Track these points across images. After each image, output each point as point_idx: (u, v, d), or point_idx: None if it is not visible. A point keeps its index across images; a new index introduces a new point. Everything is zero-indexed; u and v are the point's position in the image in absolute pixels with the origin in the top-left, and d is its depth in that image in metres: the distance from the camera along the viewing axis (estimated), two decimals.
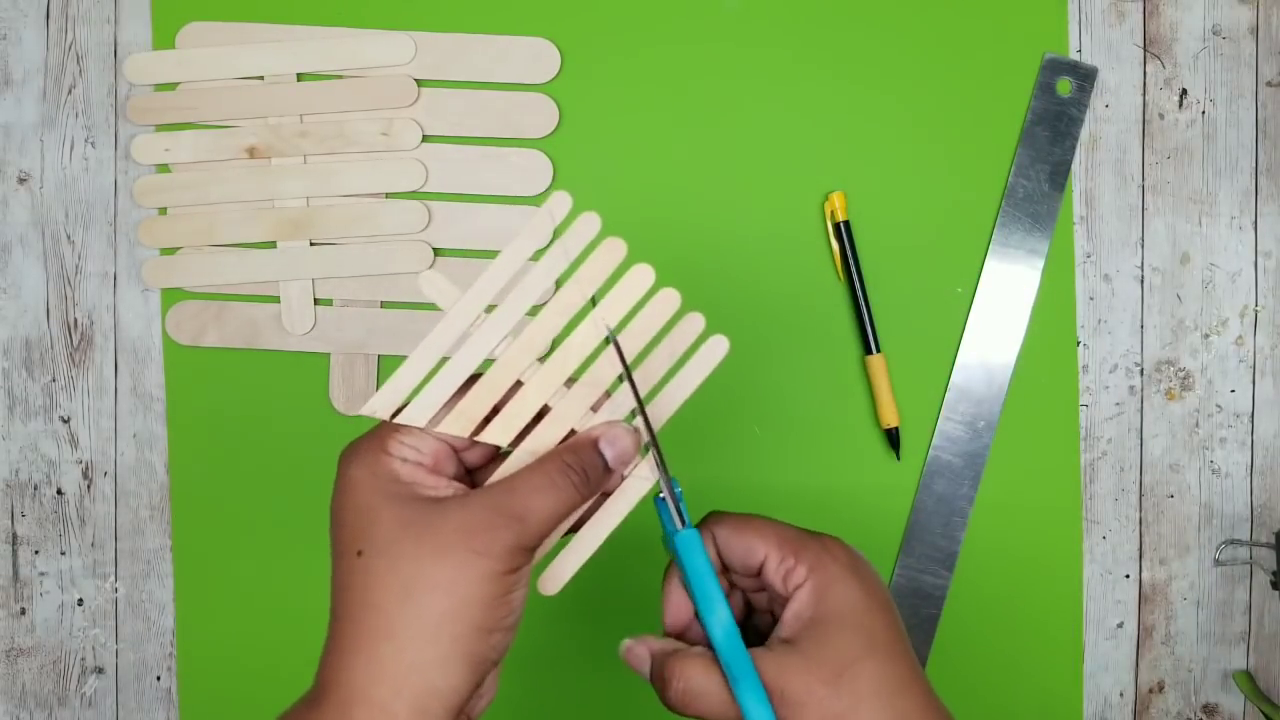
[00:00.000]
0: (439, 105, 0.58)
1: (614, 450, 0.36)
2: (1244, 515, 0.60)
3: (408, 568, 0.32)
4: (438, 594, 0.32)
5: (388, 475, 0.34)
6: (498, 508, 0.33)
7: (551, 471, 0.35)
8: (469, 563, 0.32)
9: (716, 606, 0.35)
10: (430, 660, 0.32)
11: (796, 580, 0.36)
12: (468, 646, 0.32)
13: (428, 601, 0.32)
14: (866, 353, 0.58)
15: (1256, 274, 0.60)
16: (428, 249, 0.58)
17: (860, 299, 0.58)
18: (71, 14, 0.59)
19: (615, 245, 0.37)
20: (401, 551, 0.33)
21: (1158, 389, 0.60)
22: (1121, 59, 0.60)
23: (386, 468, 0.34)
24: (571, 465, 0.35)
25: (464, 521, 0.33)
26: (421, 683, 0.32)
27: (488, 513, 0.33)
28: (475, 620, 0.32)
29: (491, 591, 0.33)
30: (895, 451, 0.58)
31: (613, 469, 0.36)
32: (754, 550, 0.37)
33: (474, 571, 0.32)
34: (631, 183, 0.59)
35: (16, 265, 0.59)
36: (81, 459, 0.59)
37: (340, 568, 0.34)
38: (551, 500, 0.34)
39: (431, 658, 0.32)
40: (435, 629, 0.32)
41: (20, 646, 0.60)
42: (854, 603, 0.36)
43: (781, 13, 0.59)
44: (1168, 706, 0.60)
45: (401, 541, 0.33)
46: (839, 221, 0.58)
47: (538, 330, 0.36)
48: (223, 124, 0.58)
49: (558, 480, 0.34)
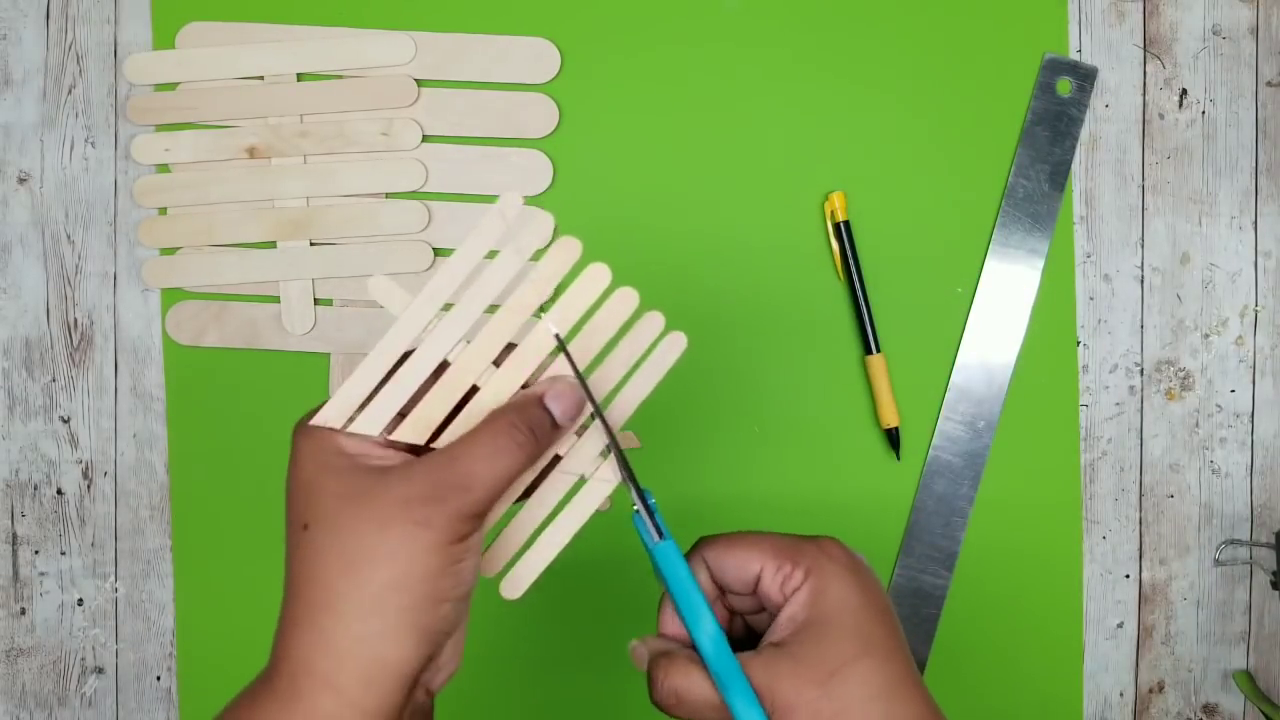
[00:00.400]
0: (439, 105, 0.58)
1: (560, 405, 0.35)
2: (1244, 515, 0.60)
3: (349, 540, 0.32)
4: (380, 566, 0.31)
5: (333, 449, 0.34)
6: (440, 477, 0.32)
7: (497, 433, 0.33)
8: (411, 534, 0.32)
9: (701, 616, 0.35)
10: (375, 632, 0.31)
11: (794, 584, 0.36)
12: (414, 618, 0.32)
13: (370, 574, 0.31)
14: (866, 353, 0.58)
15: (1256, 274, 0.60)
16: (428, 249, 0.58)
17: (860, 299, 0.58)
18: (71, 14, 0.59)
19: (570, 244, 0.35)
20: (343, 524, 0.32)
21: (1158, 389, 0.60)
22: (1121, 59, 0.60)
23: (332, 441, 0.34)
24: (517, 425, 0.34)
25: (405, 492, 0.32)
26: (367, 654, 0.31)
27: (429, 483, 0.32)
28: (421, 591, 0.32)
29: (437, 562, 0.32)
30: (895, 451, 0.58)
31: (560, 425, 0.35)
32: (748, 563, 0.36)
33: (418, 543, 0.32)
34: (631, 183, 0.59)
35: (16, 265, 0.59)
36: (81, 459, 0.59)
37: (289, 541, 0.34)
38: (497, 465, 0.33)
39: (376, 630, 0.31)
40: (379, 601, 0.31)
41: (20, 646, 0.60)
42: (850, 603, 0.35)
43: (782, 13, 0.59)
44: (1168, 706, 0.60)
45: (343, 514, 0.32)
46: (839, 221, 0.58)
47: (492, 333, 0.35)
48: (223, 124, 0.58)
49: (502, 443, 0.33)
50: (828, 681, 0.33)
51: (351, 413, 0.35)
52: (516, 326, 0.35)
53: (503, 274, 0.35)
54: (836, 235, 0.58)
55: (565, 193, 0.59)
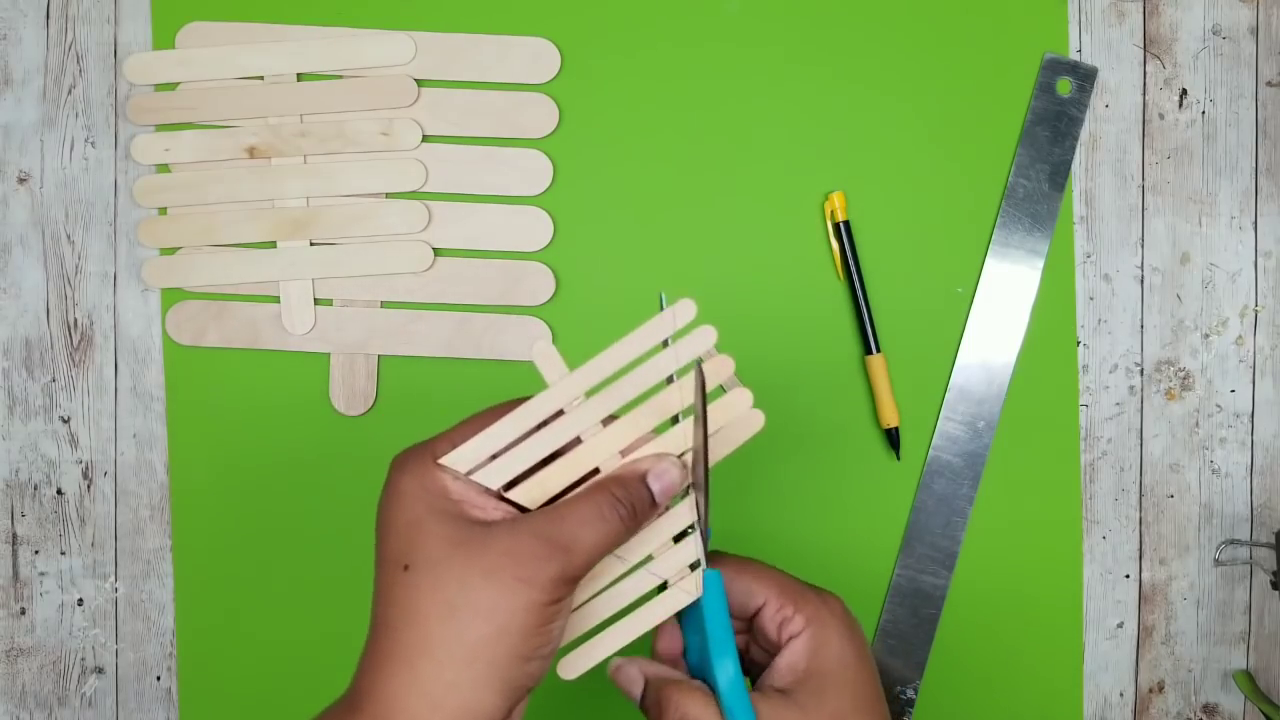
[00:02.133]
0: (439, 105, 0.58)
1: (661, 484, 0.36)
2: (1244, 515, 0.60)
3: (453, 588, 0.33)
4: (480, 617, 0.32)
5: (438, 490, 0.35)
6: (545, 536, 0.34)
7: (600, 503, 0.35)
8: (513, 590, 0.33)
9: (728, 653, 0.36)
10: (467, 681, 0.32)
11: (792, 630, 0.37)
12: (505, 673, 0.33)
13: (470, 623, 0.32)
14: (866, 353, 0.58)
15: (1256, 274, 0.60)
16: (428, 249, 0.58)
17: (860, 299, 0.58)
18: (71, 14, 0.59)
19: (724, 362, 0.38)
20: (448, 571, 0.33)
21: (1158, 389, 0.60)
22: (1121, 59, 0.60)
23: (437, 482, 0.35)
24: (619, 499, 0.35)
25: (511, 547, 0.33)
26: (458, 702, 0.32)
27: (535, 541, 0.33)
28: (514, 647, 0.33)
29: (533, 620, 0.33)
30: (895, 451, 0.58)
31: (658, 503, 0.36)
32: (753, 595, 0.38)
33: (518, 599, 0.33)
34: (631, 182, 0.59)
35: (16, 265, 0.59)
36: (81, 459, 0.59)
37: (384, 579, 0.34)
38: (598, 532, 0.34)
39: (469, 679, 0.32)
40: (474, 651, 0.32)
41: (20, 646, 0.60)
42: (846, 661, 0.37)
43: (782, 13, 0.59)
44: (1168, 706, 0.60)
45: (449, 561, 0.33)
46: (839, 221, 0.58)
47: (629, 424, 0.37)
48: (223, 124, 0.58)
49: (606, 513, 0.35)
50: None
51: (481, 461, 0.36)
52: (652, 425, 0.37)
53: (655, 373, 0.37)
54: (836, 235, 0.58)
55: (565, 193, 0.59)
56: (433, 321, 0.58)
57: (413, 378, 0.58)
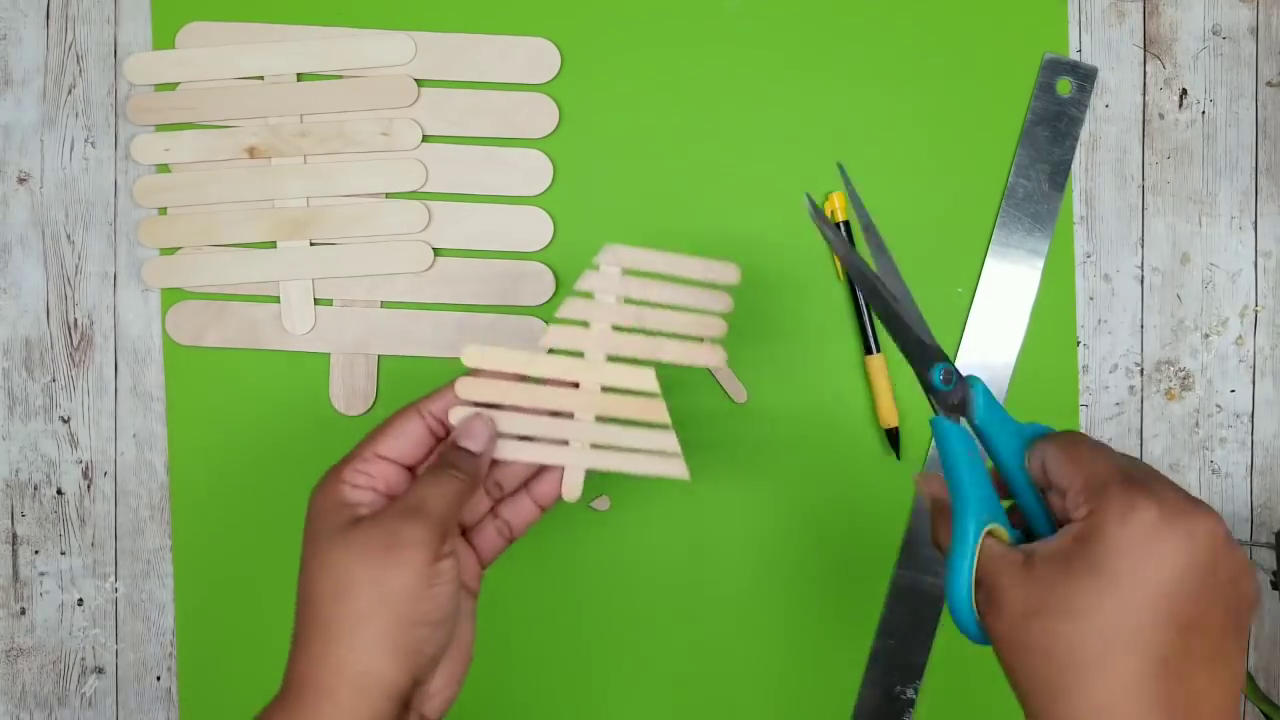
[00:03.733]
0: (439, 105, 0.58)
1: (475, 442, 0.42)
2: (1244, 515, 0.60)
3: (338, 571, 0.38)
4: (362, 591, 0.37)
5: (336, 498, 0.40)
6: (404, 508, 0.39)
7: (436, 471, 0.41)
8: (385, 559, 0.38)
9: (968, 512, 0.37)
10: (360, 648, 0.37)
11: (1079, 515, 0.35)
12: (394, 638, 0.37)
13: (356, 597, 0.37)
14: (866, 353, 0.58)
15: (1256, 274, 0.60)
16: (428, 249, 0.58)
17: (860, 299, 0.58)
18: (71, 14, 0.59)
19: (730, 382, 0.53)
20: (333, 559, 0.38)
21: (1158, 389, 0.60)
22: (1121, 59, 0.60)
23: (338, 492, 0.40)
24: (449, 462, 0.41)
25: (380, 525, 0.39)
26: (359, 667, 0.37)
27: (396, 515, 0.39)
28: (400, 613, 0.37)
29: (413, 583, 0.38)
30: (895, 452, 0.58)
31: (480, 452, 0.42)
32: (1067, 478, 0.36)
33: (389, 565, 0.38)
34: (631, 182, 0.59)
35: (16, 265, 0.59)
36: (81, 459, 0.59)
37: (299, 581, 0.40)
38: (442, 492, 0.40)
39: (364, 644, 0.37)
40: (361, 621, 0.37)
41: (20, 646, 0.60)
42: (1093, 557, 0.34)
43: (781, 13, 0.59)
44: None
45: (333, 550, 0.39)
46: (839, 222, 0.58)
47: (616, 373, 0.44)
48: (223, 124, 0.58)
49: (441, 476, 0.40)
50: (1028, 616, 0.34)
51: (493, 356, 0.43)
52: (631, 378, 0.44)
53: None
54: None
55: (565, 193, 0.59)
56: (433, 321, 0.58)
57: (413, 378, 0.58)
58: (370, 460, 0.41)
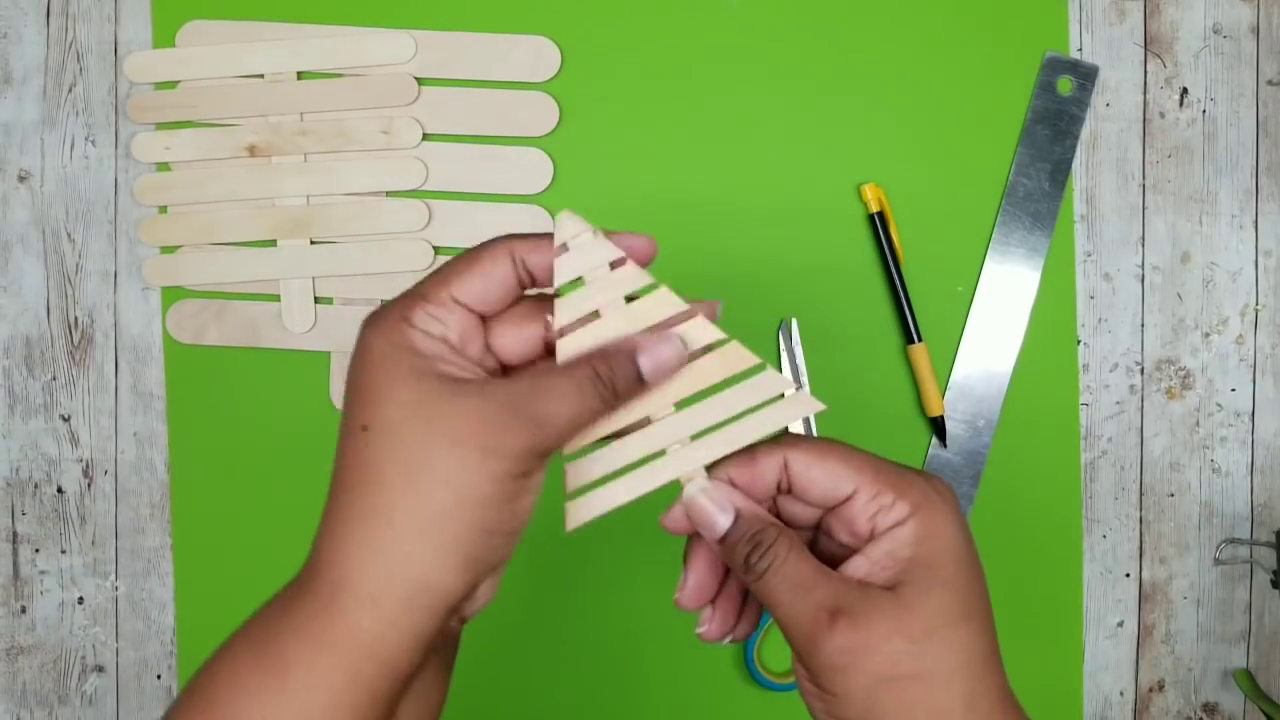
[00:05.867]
0: (439, 103, 0.58)
1: (653, 363, 0.32)
2: (1244, 514, 0.60)
3: (414, 453, 0.30)
4: (441, 486, 0.30)
5: (406, 346, 0.31)
6: (517, 406, 0.30)
7: (580, 378, 0.31)
8: (478, 459, 0.30)
9: None
10: (426, 553, 0.30)
11: (894, 518, 0.32)
12: (466, 547, 0.30)
13: (430, 491, 0.30)
14: (908, 342, 0.58)
15: (1257, 273, 0.60)
16: (428, 247, 0.58)
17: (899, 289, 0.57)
18: (72, 12, 0.59)
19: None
20: (410, 434, 0.30)
21: (1158, 388, 0.60)
22: (1122, 58, 0.60)
23: (405, 338, 0.31)
24: (601, 375, 0.32)
25: (480, 413, 0.30)
26: (415, 575, 0.30)
27: (505, 409, 0.30)
28: (477, 520, 0.30)
29: (498, 493, 0.30)
30: (941, 440, 0.58)
31: (648, 382, 0.32)
32: (841, 481, 0.33)
33: (483, 470, 0.30)
34: (632, 181, 0.59)
35: (17, 263, 0.59)
36: (82, 457, 0.59)
37: (344, 443, 0.32)
38: (574, 407, 0.31)
39: (427, 551, 0.30)
40: (435, 522, 0.30)
41: (21, 645, 0.60)
42: (959, 557, 0.32)
43: (781, 11, 0.59)
44: (1168, 705, 0.60)
45: (411, 423, 0.30)
46: (873, 213, 0.58)
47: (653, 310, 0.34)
48: (223, 122, 0.58)
49: (585, 388, 0.31)
50: (923, 639, 0.30)
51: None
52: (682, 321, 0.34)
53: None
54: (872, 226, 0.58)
55: (565, 191, 0.59)
56: None
57: None
58: (445, 304, 0.32)
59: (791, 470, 0.34)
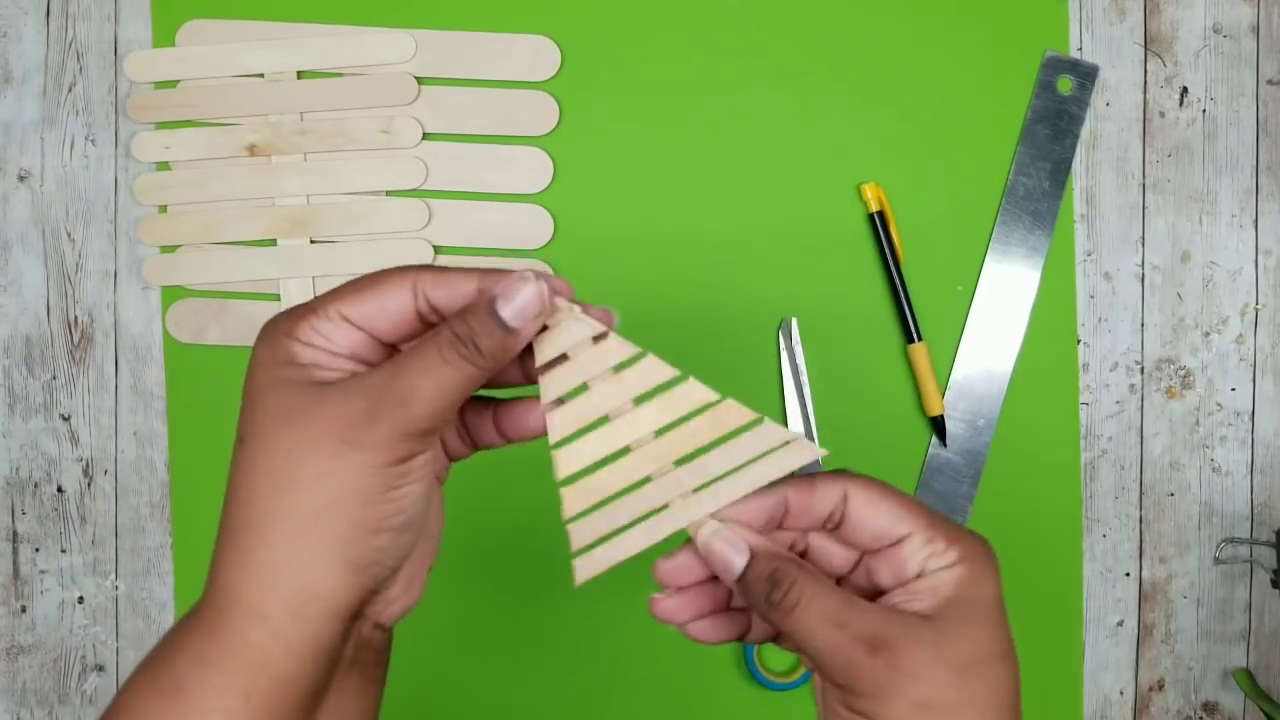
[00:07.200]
0: (439, 103, 0.58)
1: (512, 307, 0.30)
2: (1244, 513, 0.60)
3: (279, 458, 0.30)
4: (309, 488, 0.29)
5: (285, 357, 0.30)
6: (379, 392, 0.29)
7: (439, 344, 0.30)
8: (341, 454, 0.29)
9: None
10: (303, 560, 0.29)
11: (943, 562, 0.33)
12: (345, 549, 0.29)
13: (298, 496, 0.29)
14: (908, 341, 0.58)
15: (1257, 272, 0.60)
16: (428, 247, 0.58)
17: (899, 288, 0.57)
18: (72, 11, 0.59)
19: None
20: (276, 440, 0.30)
21: (1158, 387, 0.60)
22: (1122, 57, 0.60)
23: (285, 349, 0.31)
24: (460, 335, 0.30)
25: (340, 408, 0.29)
26: (295, 583, 0.29)
27: (366, 399, 0.29)
28: (354, 519, 0.29)
29: (371, 485, 0.29)
30: (942, 439, 0.58)
31: (514, 329, 0.30)
32: (898, 523, 0.33)
33: (347, 465, 0.29)
34: (632, 180, 0.59)
35: (17, 263, 0.59)
36: (82, 457, 0.59)
37: (232, 457, 0.31)
38: (440, 378, 0.30)
39: (304, 558, 0.29)
40: (307, 526, 0.29)
41: (21, 644, 0.60)
42: (998, 605, 0.33)
43: (782, 11, 0.59)
44: (1168, 705, 0.60)
45: (276, 429, 0.30)
46: (873, 212, 0.57)
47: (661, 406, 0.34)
48: (223, 121, 0.58)
49: (446, 354, 0.30)
50: (966, 669, 0.31)
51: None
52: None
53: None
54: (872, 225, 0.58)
55: (565, 191, 0.59)
56: None
57: None
58: (332, 320, 0.31)
59: (849, 505, 0.33)
